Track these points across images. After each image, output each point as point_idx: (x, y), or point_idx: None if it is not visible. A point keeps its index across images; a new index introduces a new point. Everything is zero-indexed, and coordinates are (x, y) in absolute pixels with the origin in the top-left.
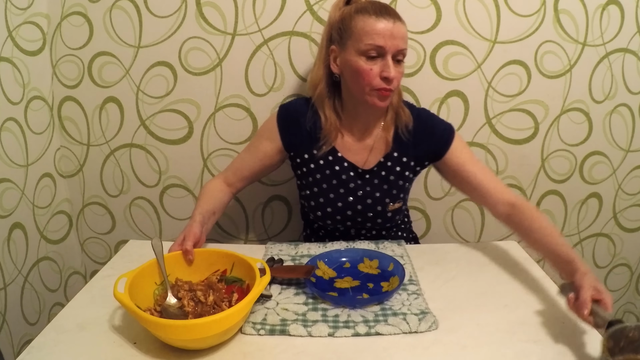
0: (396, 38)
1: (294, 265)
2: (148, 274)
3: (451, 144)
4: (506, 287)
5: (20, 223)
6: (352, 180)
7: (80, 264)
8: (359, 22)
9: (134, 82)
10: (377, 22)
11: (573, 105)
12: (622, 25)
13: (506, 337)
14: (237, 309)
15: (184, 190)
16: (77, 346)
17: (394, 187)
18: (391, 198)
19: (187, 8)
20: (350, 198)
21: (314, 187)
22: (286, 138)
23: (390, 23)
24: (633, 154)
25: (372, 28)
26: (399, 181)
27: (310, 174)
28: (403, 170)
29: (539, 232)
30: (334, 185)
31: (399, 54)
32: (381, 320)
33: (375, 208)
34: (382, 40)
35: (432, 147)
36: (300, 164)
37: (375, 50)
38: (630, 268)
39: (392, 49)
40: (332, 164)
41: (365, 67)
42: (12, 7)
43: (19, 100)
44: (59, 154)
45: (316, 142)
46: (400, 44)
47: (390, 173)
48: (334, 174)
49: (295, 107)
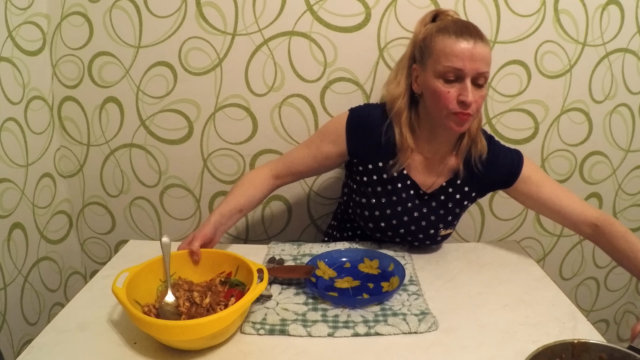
0: (476, 61)
1: (294, 265)
2: (154, 270)
3: (520, 174)
4: (506, 287)
5: (20, 223)
6: (412, 200)
7: (80, 264)
8: (439, 43)
9: (134, 82)
10: (456, 43)
11: (573, 105)
12: (622, 25)
13: (506, 337)
14: (225, 313)
15: (184, 190)
16: (77, 346)
17: (450, 213)
18: (445, 224)
19: (187, 8)
20: (406, 218)
21: (372, 198)
22: (353, 144)
23: (470, 44)
24: (633, 154)
25: (451, 49)
26: (456, 209)
27: (370, 185)
28: (462, 199)
29: (624, 253)
30: (394, 202)
31: (480, 77)
32: (381, 320)
33: (428, 231)
34: (461, 63)
35: (499, 178)
36: (362, 172)
37: (453, 73)
38: None
39: (471, 72)
40: (396, 180)
41: (443, 89)
42: (12, 7)
43: (19, 100)
44: (59, 154)
45: (386, 155)
46: (481, 67)
47: (450, 200)
48: (396, 191)
49: (370, 116)
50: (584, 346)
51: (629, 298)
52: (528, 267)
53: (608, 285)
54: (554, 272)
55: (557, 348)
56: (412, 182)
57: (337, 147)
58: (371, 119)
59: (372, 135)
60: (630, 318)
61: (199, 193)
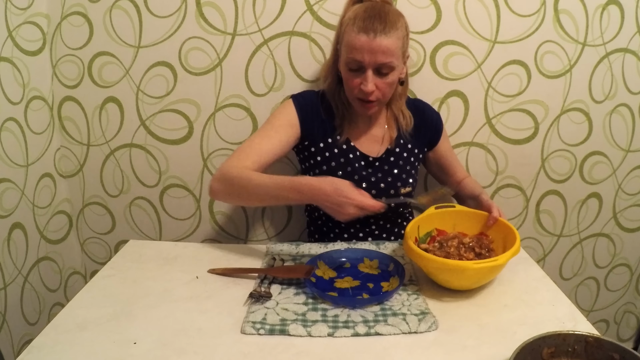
0: (375, 53)
1: (294, 265)
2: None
3: (441, 134)
4: (506, 287)
5: (20, 223)
6: (365, 168)
7: (80, 264)
8: (347, 35)
9: (134, 82)
10: (357, 36)
11: (573, 105)
12: (622, 25)
13: (506, 337)
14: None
15: (184, 190)
16: (77, 346)
17: (403, 171)
18: (402, 182)
19: (187, 8)
20: (364, 185)
21: (330, 174)
22: (305, 125)
23: (369, 38)
24: (633, 154)
25: (353, 42)
26: (406, 166)
27: (324, 163)
28: (409, 157)
29: (466, 189)
30: (348, 173)
31: (383, 67)
32: (381, 320)
33: (389, 191)
34: (360, 56)
35: (428, 135)
36: (313, 153)
37: (355, 64)
38: (630, 268)
39: (370, 63)
40: (346, 152)
41: (349, 77)
42: (12, 7)
43: (19, 100)
44: (59, 154)
45: (331, 130)
46: (381, 59)
47: (399, 159)
48: (348, 162)
49: (310, 97)
50: (597, 342)
51: (629, 298)
52: (528, 267)
53: (608, 285)
54: (554, 272)
55: (571, 338)
56: (360, 152)
57: (294, 131)
58: (312, 100)
59: (316, 115)
60: (630, 318)
61: (199, 193)
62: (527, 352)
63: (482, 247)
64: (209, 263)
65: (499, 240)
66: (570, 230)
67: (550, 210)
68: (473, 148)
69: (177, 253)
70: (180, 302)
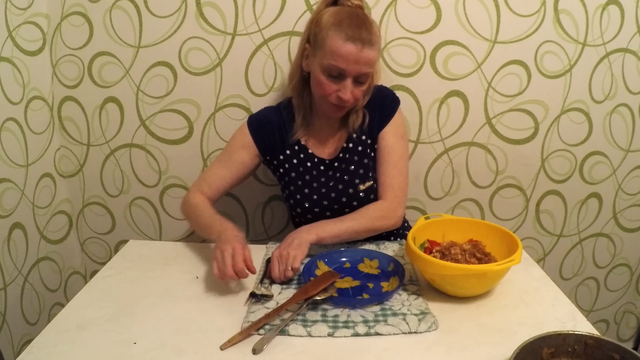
0: (360, 63)
1: (318, 277)
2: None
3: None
4: (506, 287)
5: (20, 223)
6: (323, 172)
7: (80, 264)
8: (329, 40)
9: (134, 82)
10: (344, 45)
11: (573, 105)
12: (622, 25)
13: (506, 337)
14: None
15: (184, 190)
16: (77, 346)
17: (360, 166)
18: (360, 178)
19: (187, 8)
20: (323, 189)
21: (291, 185)
22: (261, 143)
23: (357, 49)
24: (633, 154)
25: (338, 50)
26: (363, 160)
27: (286, 174)
28: (364, 149)
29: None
30: (308, 181)
31: (362, 76)
32: (381, 320)
33: (347, 191)
34: (345, 64)
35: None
36: (277, 166)
37: (337, 71)
38: (630, 268)
39: (353, 73)
40: (304, 160)
41: (325, 82)
42: (12, 7)
43: (19, 100)
44: (59, 154)
45: (288, 142)
46: (363, 69)
47: (354, 154)
48: (306, 170)
49: (264, 114)
50: (597, 343)
51: (629, 298)
52: (528, 267)
53: (608, 285)
54: (554, 272)
55: (571, 338)
56: (317, 157)
57: (249, 150)
58: (266, 115)
59: (272, 129)
60: (630, 318)
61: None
62: (527, 352)
63: (479, 252)
64: (209, 263)
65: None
66: (570, 230)
67: (550, 210)
68: (473, 148)
69: (177, 253)
70: (180, 302)
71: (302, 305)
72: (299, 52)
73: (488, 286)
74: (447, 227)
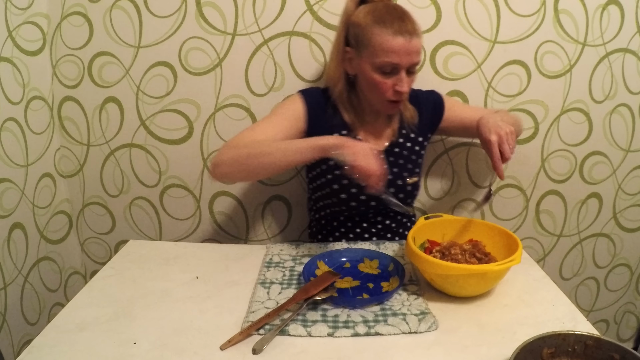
0: (411, 54)
1: (318, 276)
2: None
3: (444, 105)
4: (506, 287)
5: (20, 223)
6: None
7: (80, 264)
8: (376, 37)
9: (134, 82)
10: (394, 39)
11: (573, 105)
12: (622, 25)
13: (506, 337)
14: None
15: (184, 190)
16: (77, 346)
17: (409, 162)
18: (408, 172)
19: (187, 8)
20: None
21: (328, 174)
22: (311, 121)
23: (406, 40)
24: (633, 154)
25: (389, 46)
26: (411, 156)
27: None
28: (413, 146)
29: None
30: None
31: (413, 66)
32: (381, 320)
33: (395, 182)
34: (398, 58)
35: (429, 119)
36: None
37: (390, 67)
38: (630, 268)
39: (406, 65)
40: None
41: (380, 80)
42: (12, 7)
43: (19, 100)
44: (59, 154)
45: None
46: (415, 59)
47: (403, 149)
48: None
49: (317, 94)
50: (597, 343)
51: (629, 298)
52: (528, 267)
53: (608, 285)
54: (554, 272)
55: (571, 338)
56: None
57: (299, 124)
58: (318, 99)
59: (322, 113)
60: (630, 318)
61: (199, 193)
62: (527, 352)
63: (479, 252)
64: (209, 263)
65: (492, 244)
66: (570, 230)
67: (550, 210)
68: (473, 148)
69: (177, 253)
70: (180, 302)
71: (302, 305)
72: (336, 58)
73: (488, 286)
74: (447, 227)
